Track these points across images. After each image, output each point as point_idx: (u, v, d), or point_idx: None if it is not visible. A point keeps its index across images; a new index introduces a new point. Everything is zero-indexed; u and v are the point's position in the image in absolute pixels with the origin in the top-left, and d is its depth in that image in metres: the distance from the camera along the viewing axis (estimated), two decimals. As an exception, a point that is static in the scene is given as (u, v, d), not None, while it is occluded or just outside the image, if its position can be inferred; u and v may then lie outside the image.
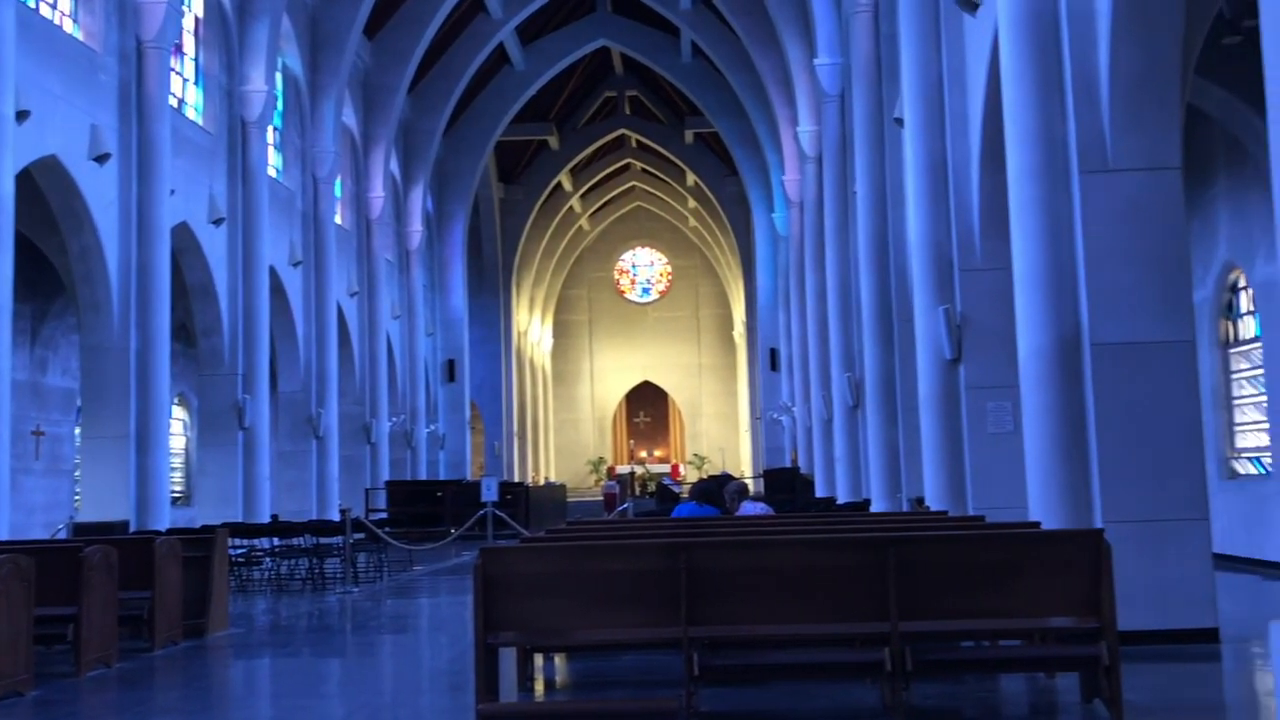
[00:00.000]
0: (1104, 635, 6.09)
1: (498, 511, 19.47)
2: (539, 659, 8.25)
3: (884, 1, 16.70)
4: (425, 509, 26.55)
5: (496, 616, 6.29)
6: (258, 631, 12.01)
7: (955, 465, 12.63)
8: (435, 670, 9.43)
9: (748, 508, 10.06)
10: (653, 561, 6.30)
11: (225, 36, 21.65)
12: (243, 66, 21.82)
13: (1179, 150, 8.86)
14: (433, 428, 34.71)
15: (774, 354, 35.40)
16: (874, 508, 16.80)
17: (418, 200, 33.50)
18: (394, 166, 32.23)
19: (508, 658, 7.48)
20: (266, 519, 20.44)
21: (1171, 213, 8.84)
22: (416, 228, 33.51)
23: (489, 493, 20.15)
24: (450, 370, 36.32)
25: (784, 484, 28.06)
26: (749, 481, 35.04)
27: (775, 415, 35.09)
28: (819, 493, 23.78)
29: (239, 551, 15.23)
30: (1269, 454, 14.43)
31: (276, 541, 16.56)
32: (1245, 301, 15.21)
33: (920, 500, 13.98)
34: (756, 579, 6.33)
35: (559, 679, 8.33)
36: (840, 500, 20.12)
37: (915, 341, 13.56)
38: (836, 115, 20.97)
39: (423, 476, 32.53)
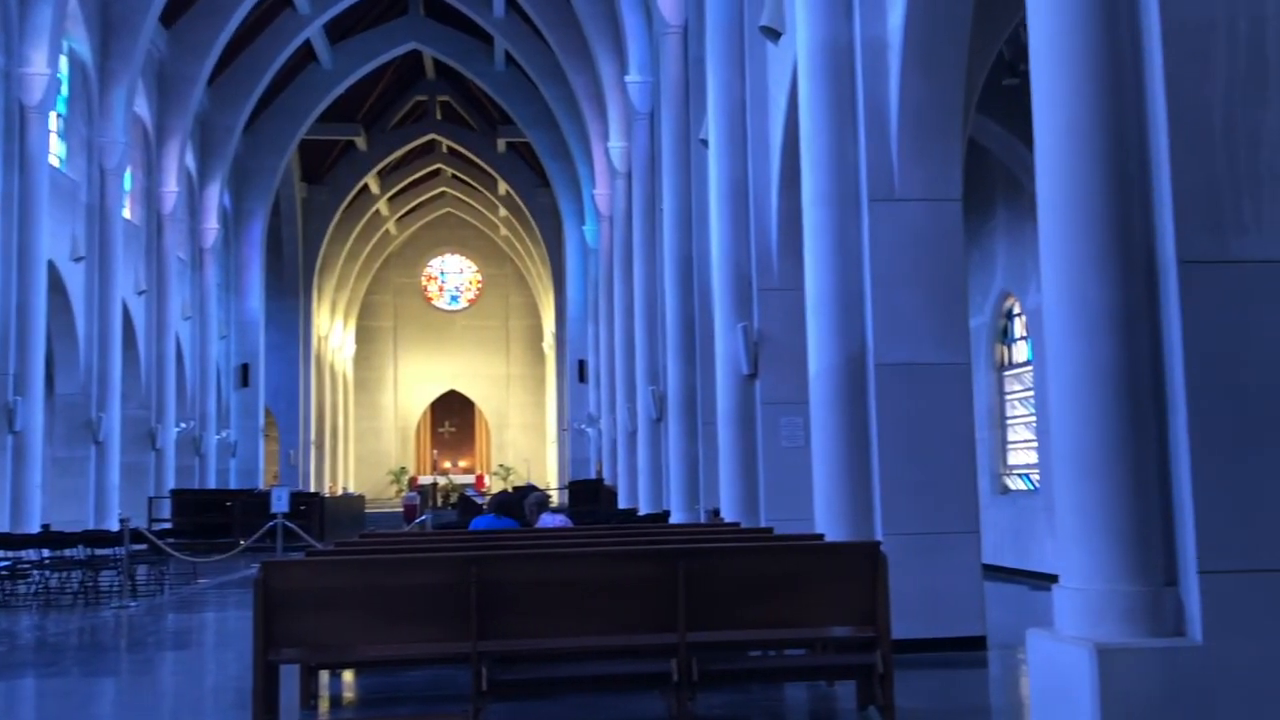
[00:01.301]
0: (879, 644, 6.34)
1: (289, 523, 18.83)
2: (325, 676, 8.01)
3: (693, 24, 17.08)
4: (213, 520, 25.41)
5: (278, 632, 6.07)
6: (20, 650, 11.22)
7: (750, 478, 12.97)
8: (220, 688, 9.02)
9: (546, 520, 10.05)
10: (443, 575, 6.21)
11: (4, 14, 20.25)
12: (22, 47, 20.46)
13: (960, 183, 9.36)
14: (224, 434, 33.32)
15: (583, 366, 35.58)
16: (673, 519, 17.05)
17: (214, 197, 32.16)
18: (189, 161, 30.85)
19: (293, 675, 7.22)
20: (36, 529, 19.15)
21: (951, 242, 9.32)
22: (212, 225, 32.15)
23: (279, 503, 19.48)
24: (244, 375, 34.96)
25: (588, 495, 28.20)
26: (554, 493, 35.12)
27: (582, 427, 35.25)
28: (622, 504, 23.99)
29: (3, 564, 14.20)
30: (1037, 471, 15.40)
31: (46, 553, 15.53)
32: (1019, 327, 16.22)
33: (716, 512, 14.29)
34: (549, 592, 6.33)
35: (346, 695, 8.10)
36: (642, 511, 20.34)
37: (716, 357, 13.88)
38: (646, 132, 21.29)
39: (212, 486, 31.16)
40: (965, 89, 9.47)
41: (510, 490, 23.60)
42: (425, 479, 46.86)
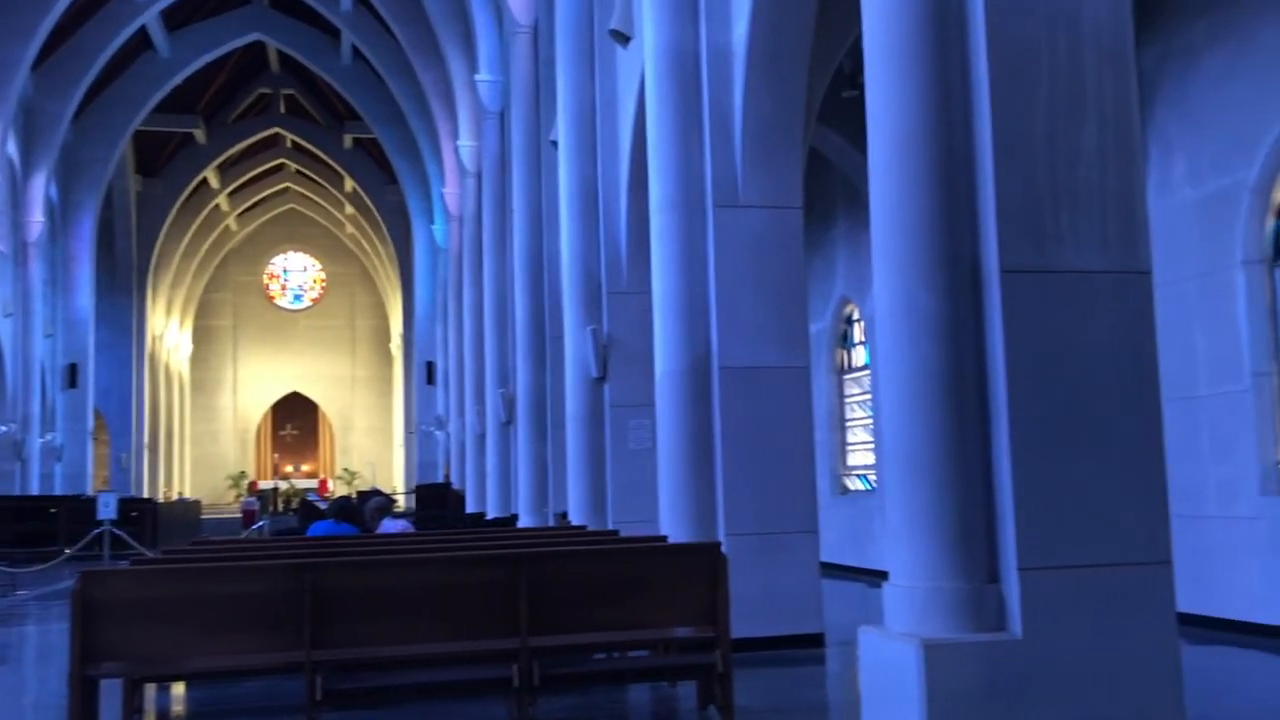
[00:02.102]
0: (719, 644, 6.41)
1: (116, 530, 17.98)
2: (151, 689, 7.66)
3: (543, 25, 17.02)
4: (35, 527, 24.06)
5: (98, 646, 5.78)
6: None
7: (598, 481, 12.99)
8: (40, 705, 8.53)
9: (388, 525, 9.85)
10: (276, 583, 6.02)
11: None
12: None
13: (801, 191, 9.58)
14: (49, 438, 31.61)
15: (431, 367, 35.06)
16: (522, 523, 16.95)
17: (39, 188, 30.48)
18: (12, 149, 29.17)
19: (119, 690, 6.88)
20: None
21: (793, 248, 9.52)
22: (37, 218, 30.47)
23: (106, 509, 18.61)
24: (72, 375, 33.24)
25: (436, 499, 27.80)
26: (401, 497, 34.50)
27: (430, 429, 34.73)
28: (470, 508, 23.74)
29: None
30: (875, 472, 15.88)
31: None
32: (858, 332, 16.70)
33: (564, 515, 14.26)
34: (388, 599, 6.20)
35: (175, 709, 7.78)
36: (490, 515, 20.16)
37: (565, 360, 13.86)
38: (497, 132, 21.12)
39: (35, 491, 29.52)
40: (807, 100, 9.69)
41: (355, 495, 23.09)
42: (266, 484, 45.40)
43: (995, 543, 5.13)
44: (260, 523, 23.29)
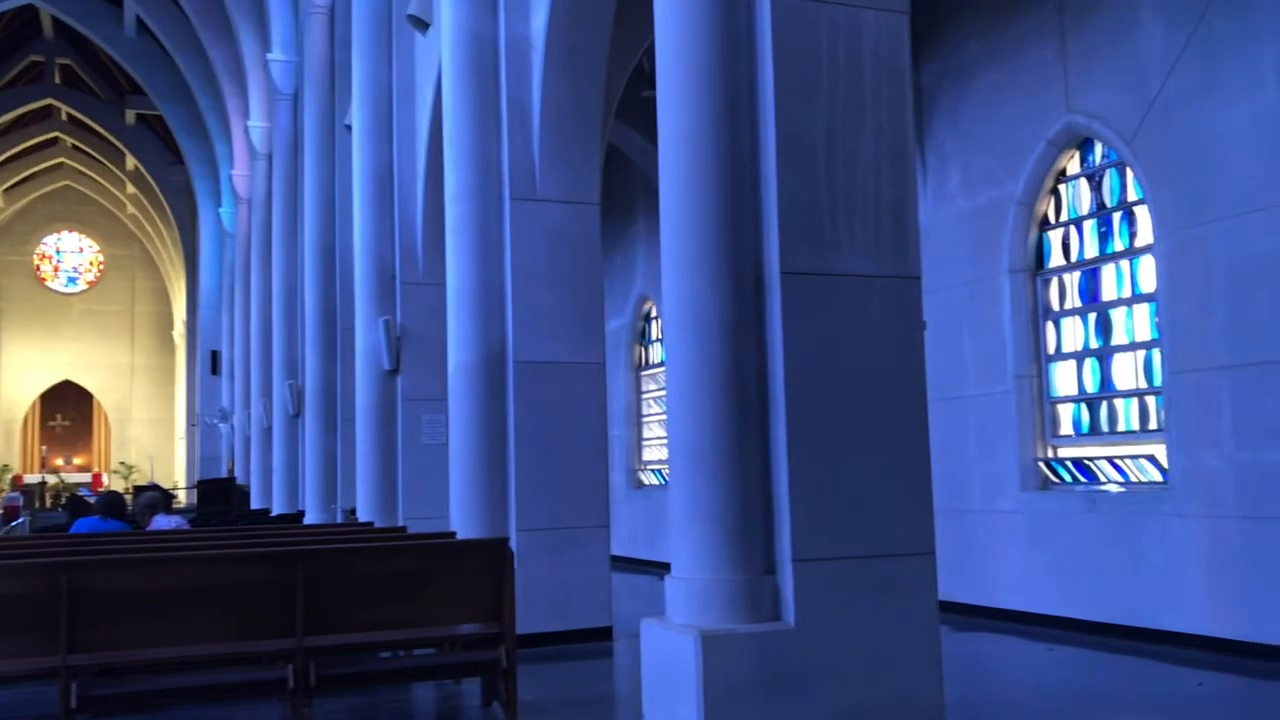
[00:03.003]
0: (504, 640, 6.37)
1: None
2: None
3: (340, 5, 16.53)
4: None
5: None
6: None
7: (389, 476, 12.73)
8: None
9: (160, 522, 9.35)
10: (27, 583, 5.61)
11: None
12: None
13: (598, 187, 9.62)
14: None
15: (215, 357, 33.56)
16: (308, 520, 16.44)
17: None
18: None
19: None
20: None
21: (590, 244, 9.56)
22: None
23: None
24: None
25: (219, 495, 26.52)
26: (181, 492, 32.87)
27: (213, 422, 33.25)
28: (255, 504, 22.89)
29: None
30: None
31: None
32: (656, 330, 16.94)
33: (353, 512, 13.90)
34: (153, 599, 5.87)
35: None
36: (275, 512, 19.47)
37: (357, 351, 13.51)
38: (289, 114, 20.40)
39: None
40: (606, 96, 9.75)
41: (131, 490, 21.88)
42: (33, 478, 42.47)
43: (772, 535, 5.29)
44: (20, 519, 21.74)
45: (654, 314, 16.92)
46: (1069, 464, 9.49)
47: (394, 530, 9.26)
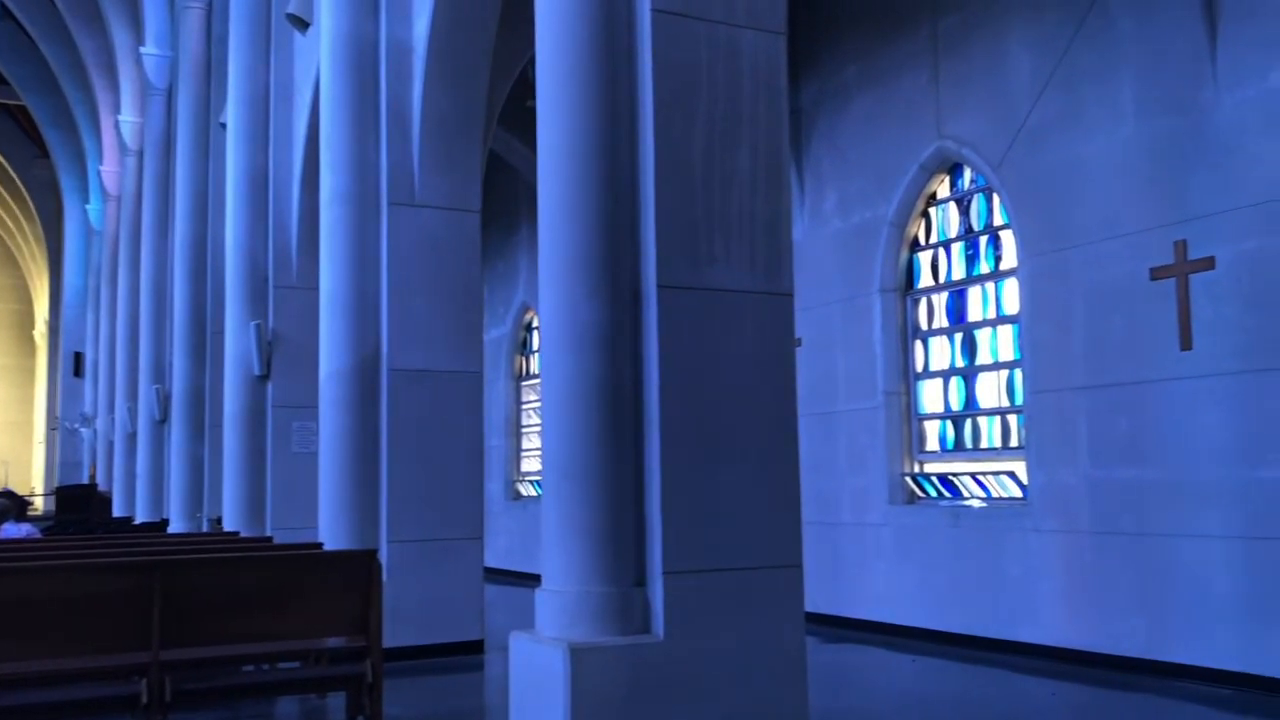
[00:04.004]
0: (370, 653, 6.24)
1: None
2: None
3: (218, 1, 16.11)
4: None
5: None
6: None
7: (257, 485, 12.39)
8: None
9: (10, 530, 8.95)
10: None
11: None
12: None
13: (479, 194, 9.55)
14: None
15: (79, 358, 32.30)
16: (173, 528, 15.91)
17: None
18: None
19: None
20: None
21: (469, 252, 9.48)
22: None
23: None
24: None
25: (78, 502, 25.55)
26: (39, 499, 31.47)
27: (75, 426, 31.95)
28: (118, 512, 22.08)
29: None
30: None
31: None
32: (537, 339, 16.86)
33: (219, 520, 13.50)
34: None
35: None
36: (139, 520, 18.80)
37: (226, 355, 13.13)
38: (163, 110, 19.78)
39: None
40: (489, 104, 9.70)
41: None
42: (-126, 483, 40.13)
43: (644, 548, 5.29)
44: None
45: (535, 324, 16.86)
46: (934, 479, 9.76)
47: (260, 540, 9.01)
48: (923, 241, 10.07)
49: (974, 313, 9.54)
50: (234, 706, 7.31)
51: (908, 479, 9.93)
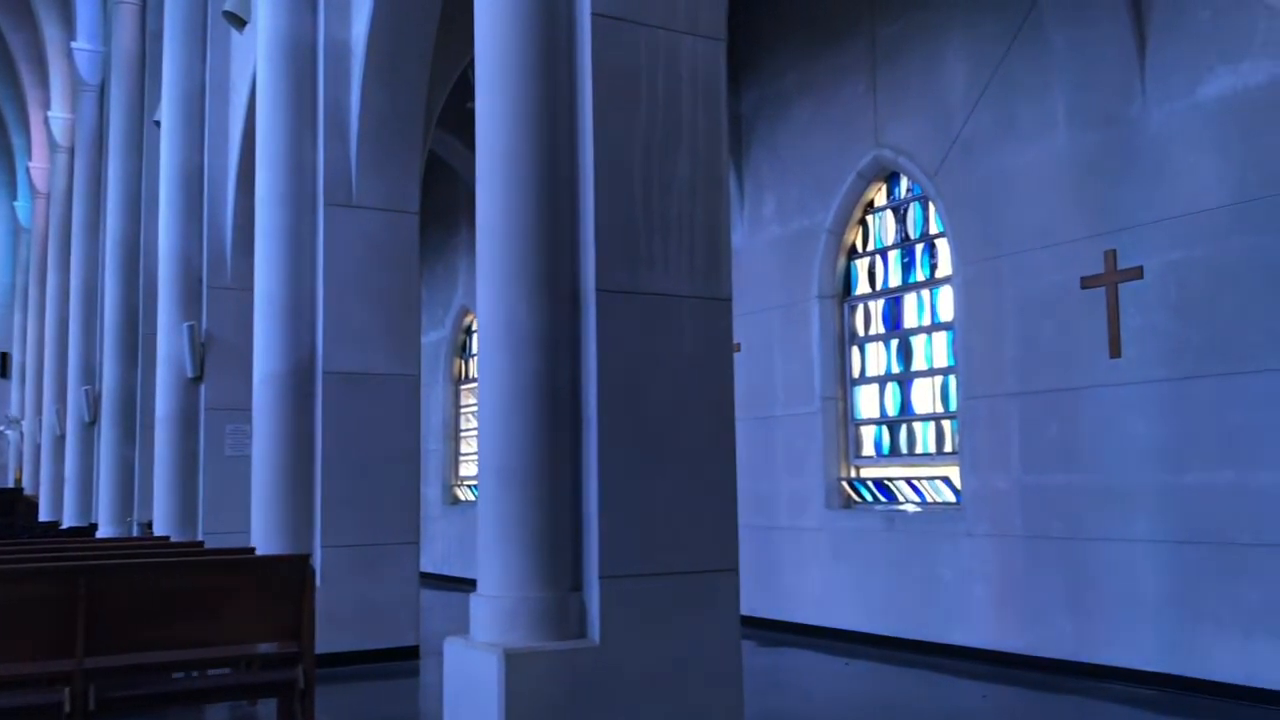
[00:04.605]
0: (302, 659, 6.16)
1: None
2: None
3: (153, -4, 15.84)
4: None
5: None
6: None
7: (189, 488, 12.19)
8: None
9: (-71, 534, 8.69)
10: None
11: None
12: None
13: (418, 196, 9.48)
14: None
15: (5, 359, 31.56)
16: (101, 533, 15.58)
17: None
18: None
19: None
20: None
21: (408, 254, 9.40)
22: None
23: None
24: None
25: (3, 506, 24.96)
26: (-40, 503, 30.62)
27: (1, 428, 31.20)
28: (45, 516, 21.63)
29: None
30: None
31: None
32: (476, 342, 16.78)
33: (149, 525, 13.25)
34: (-90, 619, 5.43)
35: None
36: (66, 524, 18.39)
37: (158, 356, 12.90)
38: (94, 106, 19.39)
39: None
40: (428, 105, 9.63)
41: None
42: None
43: (580, 553, 5.27)
44: None
45: (475, 327, 16.76)
46: (870, 484, 9.85)
47: (191, 545, 8.85)
48: (860, 249, 10.17)
49: (910, 319, 9.65)
50: (162, 714, 7.18)
51: (844, 483, 10.02)
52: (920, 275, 9.59)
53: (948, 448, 9.19)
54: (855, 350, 10.11)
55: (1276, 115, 6.84)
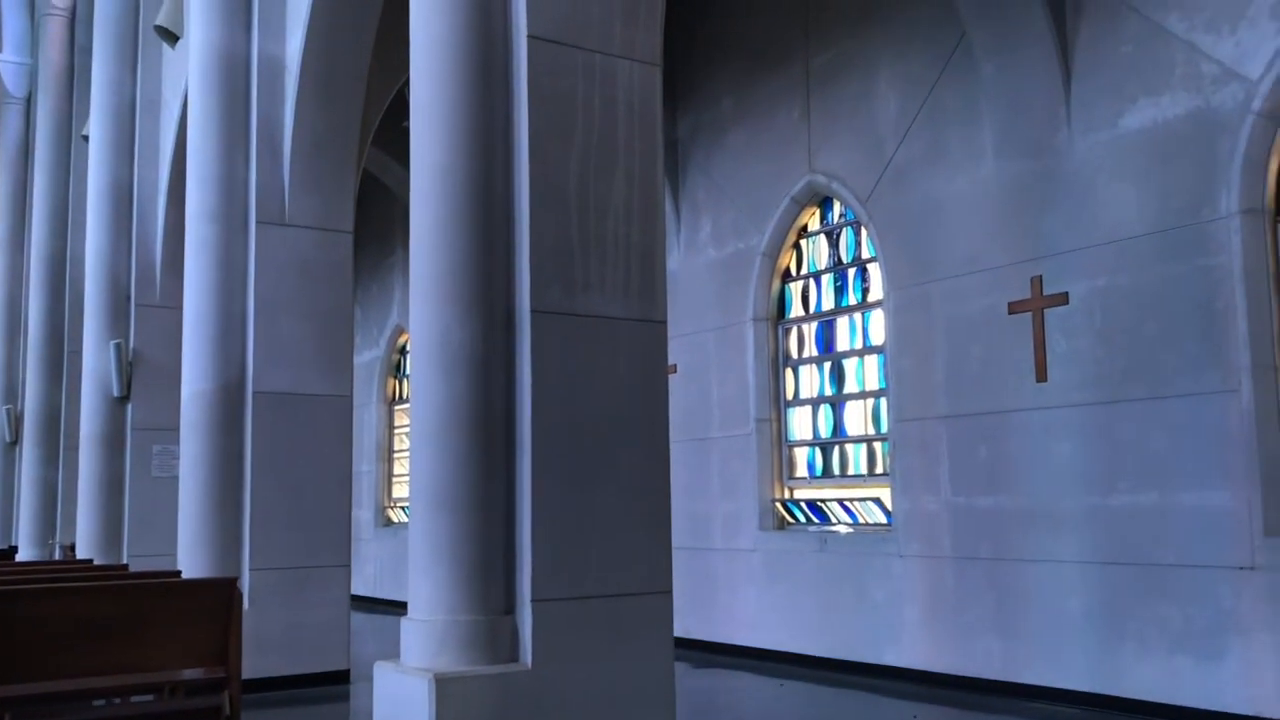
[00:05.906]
0: (229, 684, 6.05)
1: None
2: None
3: (82, 9, 15.58)
4: None
5: None
6: None
7: (114, 510, 11.94)
8: None
9: None
10: None
11: None
12: None
13: (352, 215, 9.40)
14: None
15: (-78, 377, 30.59)
16: (21, 556, 15.20)
17: None
18: None
19: None
20: None
21: (341, 273, 9.32)
22: None
23: None
24: None
25: (-82, 528, 24.16)
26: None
27: (-84, 448, 30.24)
28: (-39, 538, 20.94)
29: None
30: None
31: None
32: (410, 362, 16.64)
33: (72, 547, 12.93)
34: None
35: None
36: (-16, 547, 17.89)
37: (84, 374, 12.63)
38: (20, 119, 19.00)
39: None
40: (363, 123, 9.57)
41: None
42: None
43: (513, 575, 5.24)
44: None
45: (409, 346, 16.64)
46: (804, 505, 9.93)
47: (115, 568, 8.65)
48: (794, 272, 10.28)
49: (842, 342, 9.77)
50: (82, 743, 6.97)
51: (778, 504, 10.08)
52: (853, 299, 9.71)
53: (879, 469, 9.30)
54: (789, 372, 10.20)
55: (1194, 147, 7.05)
